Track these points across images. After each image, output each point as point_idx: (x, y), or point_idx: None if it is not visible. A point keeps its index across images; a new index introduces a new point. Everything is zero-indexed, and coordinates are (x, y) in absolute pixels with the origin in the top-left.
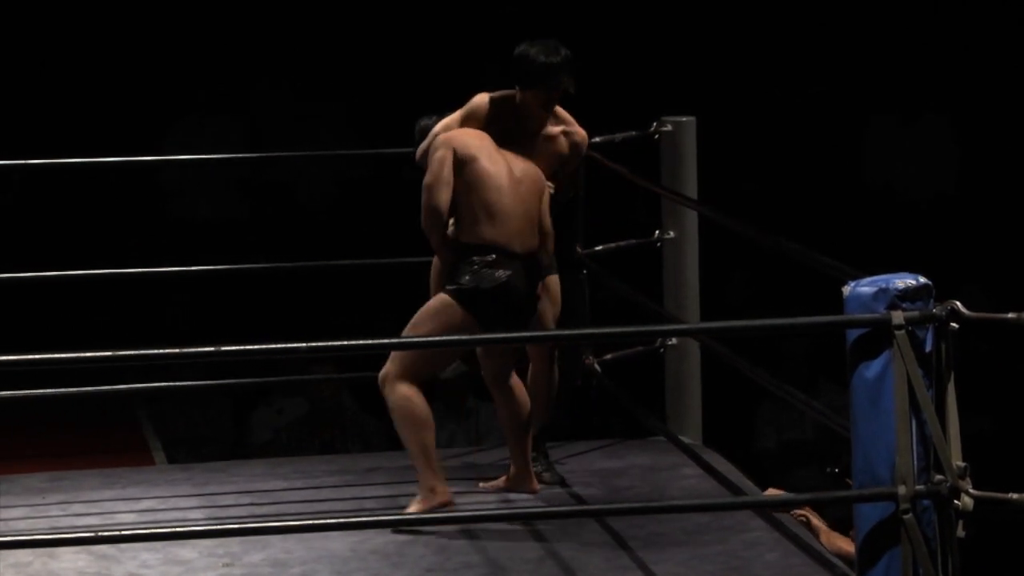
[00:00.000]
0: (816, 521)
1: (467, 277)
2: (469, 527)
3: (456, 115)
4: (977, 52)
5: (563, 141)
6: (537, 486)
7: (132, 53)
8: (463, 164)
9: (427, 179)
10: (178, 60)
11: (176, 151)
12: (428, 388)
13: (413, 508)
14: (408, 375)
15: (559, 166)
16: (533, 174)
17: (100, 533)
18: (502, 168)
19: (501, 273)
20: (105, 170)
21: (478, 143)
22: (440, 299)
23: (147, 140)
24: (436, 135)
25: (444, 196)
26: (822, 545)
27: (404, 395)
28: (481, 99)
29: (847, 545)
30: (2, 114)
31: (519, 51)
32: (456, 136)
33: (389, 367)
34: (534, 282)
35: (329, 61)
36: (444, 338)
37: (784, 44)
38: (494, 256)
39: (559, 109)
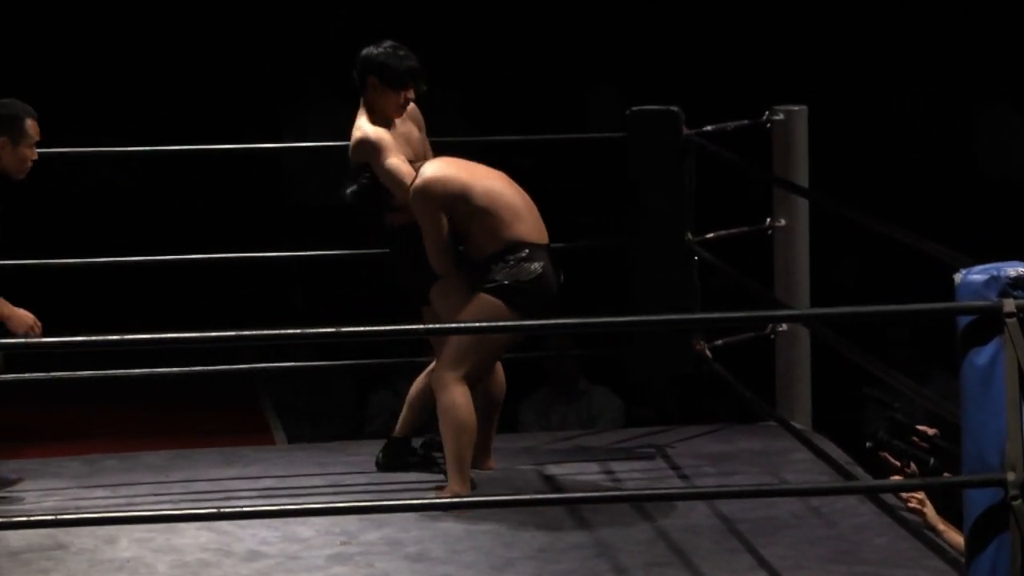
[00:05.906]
0: (931, 515)
1: (503, 274)
2: (579, 508)
3: (386, 160)
4: None
5: (415, 120)
6: (491, 465)
7: (253, 47)
8: (456, 196)
9: (427, 238)
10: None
11: (293, 138)
12: (541, 371)
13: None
14: (462, 377)
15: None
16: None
17: (221, 509)
18: (485, 172)
19: (536, 266)
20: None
21: (453, 169)
22: (480, 299)
23: (267, 128)
24: (400, 180)
25: (445, 244)
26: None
27: (453, 402)
28: (376, 131)
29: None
30: (134, 103)
31: (380, 54)
32: (430, 181)
33: (442, 370)
34: (559, 271)
35: (443, 50)
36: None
37: (896, 33)
38: (527, 251)
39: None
